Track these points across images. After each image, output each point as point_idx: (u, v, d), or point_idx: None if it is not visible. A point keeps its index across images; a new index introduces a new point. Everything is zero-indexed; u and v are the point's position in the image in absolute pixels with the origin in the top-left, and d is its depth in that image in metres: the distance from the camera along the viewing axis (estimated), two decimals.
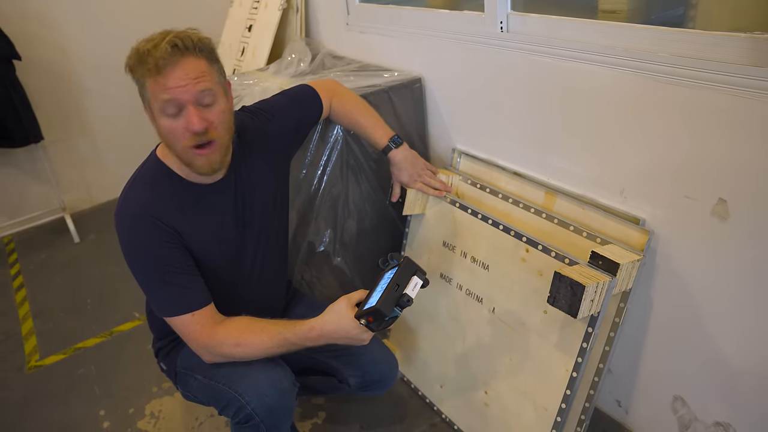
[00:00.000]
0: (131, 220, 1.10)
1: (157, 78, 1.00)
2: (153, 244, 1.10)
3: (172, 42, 0.99)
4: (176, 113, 1.03)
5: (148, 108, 1.07)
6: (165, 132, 1.06)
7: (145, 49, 1.00)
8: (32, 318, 2.32)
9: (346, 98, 1.48)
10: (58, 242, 2.91)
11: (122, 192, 1.14)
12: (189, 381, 1.26)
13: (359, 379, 1.39)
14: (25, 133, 2.67)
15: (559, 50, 1.29)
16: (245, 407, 1.14)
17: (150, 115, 1.08)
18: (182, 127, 1.03)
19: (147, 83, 1.02)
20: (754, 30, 0.95)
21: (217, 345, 1.12)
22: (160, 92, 1.01)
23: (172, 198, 1.13)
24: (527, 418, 1.35)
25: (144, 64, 1.00)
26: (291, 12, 2.27)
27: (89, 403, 1.84)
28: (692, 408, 1.31)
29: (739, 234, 1.08)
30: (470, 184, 1.57)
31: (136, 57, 1.01)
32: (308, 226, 1.71)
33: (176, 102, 1.02)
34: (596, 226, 1.30)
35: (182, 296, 1.11)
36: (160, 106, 1.02)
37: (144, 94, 1.05)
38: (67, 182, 3.12)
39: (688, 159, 1.12)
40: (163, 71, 1.00)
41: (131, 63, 1.02)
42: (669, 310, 1.28)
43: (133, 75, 1.04)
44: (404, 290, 1.04)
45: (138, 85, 1.05)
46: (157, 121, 1.06)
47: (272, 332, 1.12)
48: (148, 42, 1.01)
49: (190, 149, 1.06)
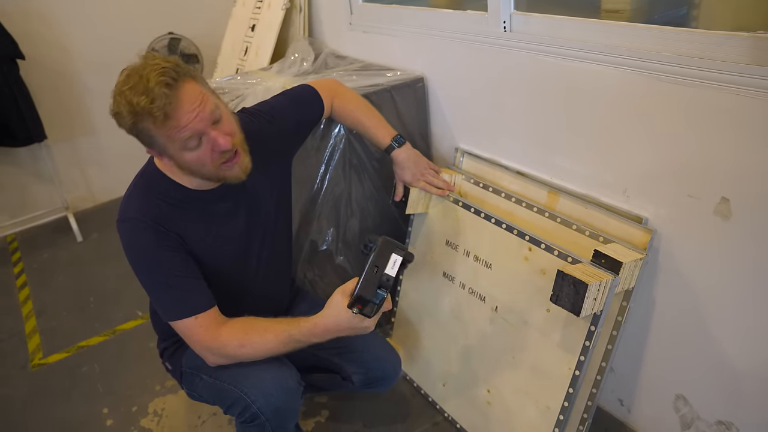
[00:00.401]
0: (133, 225, 1.10)
1: (167, 123, 0.98)
2: (155, 248, 1.10)
3: (164, 82, 0.96)
4: (198, 143, 1.04)
5: (157, 150, 1.06)
6: (191, 163, 1.06)
7: (141, 105, 0.95)
8: (35, 316, 2.33)
9: (348, 98, 1.49)
10: (60, 241, 2.91)
11: (123, 200, 1.14)
12: (194, 380, 1.26)
13: (362, 376, 1.40)
14: (29, 132, 2.68)
15: (562, 50, 1.29)
16: (251, 406, 1.14)
17: (158, 154, 1.07)
18: (208, 151, 1.05)
19: (155, 132, 1.00)
20: (757, 29, 0.96)
21: (221, 347, 1.12)
22: (177, 133, 1.00)
23: (174, 204, 1.14)
24: (530, 416, 1.35)
25: (149, 118, 0.97)
26: (294, 12, 2.28)
27: (92, 401, 1.84)
28: (694, 407, 1.31)
29: (741, 233, 1.08)
30: (473, 183, 1.58)
31: (134, 115, 0.97)
32: (311, 224, 1.71)
33: (196, 134, 1.02)
34: (599, 225, 1.30)
35: (185, 299, 1.11)
36: (181, 144, 1.02)
37: (153, 142, 1.03)
38: (70, 181, 3.13)
39: (691, 158, 1.12)
40: (172, 115, 0.98)
41: (129, 122, 0.98)
42: (671, 308, 1.28)
43: (133, 129, 1.01)
44: (384, 270, 1.02)
45: (140, 134, 1.02)
46: (177, 158, 1.05)
47: (277, 331, 1.12)
48: (135, 93, 0.96)
49: (221, 166, 1.08)
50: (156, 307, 1.17)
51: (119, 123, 1.01)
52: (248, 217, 1.25)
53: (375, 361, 1.40)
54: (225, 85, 1.88)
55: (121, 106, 0.98)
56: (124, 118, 0.99)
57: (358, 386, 1.42)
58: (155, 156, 1.11)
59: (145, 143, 1.05)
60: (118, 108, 0.99)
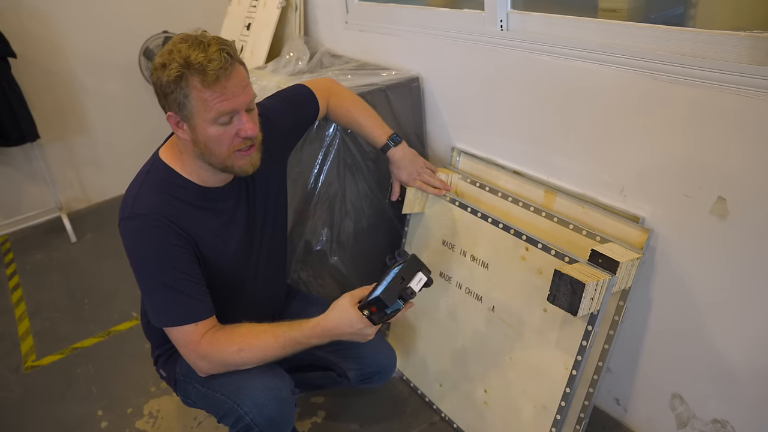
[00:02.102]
0: (142, 222, 1.06)
1: (213, 88, 0.99)
2: (166, 248, 1.07)
3: (225, 50, 0.99)
4: (228, 121, 1.04)
5: (180, 115, 1.03)
6: (211, 139, 1.05)
7: (198, 60, 0.96)
8: (29, 318, 2.31)
9: (344, 97, 1.48)
10: (54, 242, 2.89)
11: (128, 196, 1.11)
12: (188, 389, 1.24)
13: (358, 372, 1.39)
14: (21, 132, 2.66)
15: (559, 49, 1.29)
16: (244, 417, 1.12)
17: (179, 122, 1.05)
18: (232, 133, 1.05)
19: (194, 93, 0.99)
20: (754, 29, 0.96)
21: (218, 352, 1.09)
22: (218, 102, 1.00)
23: (184, 202, 1.12)
24: (527, 416, 1.35)
25: (199, 76, 0.97)
26: (290, 10, 2.27)
27: (87, 403, 1.83)
28: (690, 405, 1.32)
29: (738, 232, 1.08)
30: (470, 182, 1.57)
31: (185, 67, 0.97)
32: (305, 224, 1.70)
33: (232, 111, 1.03)
34: (596, 225, 1.30)
35: (188, 305, 1.08)
36: (215, 115, 1.02)
37: (182, 102, 1.01)
38: (64, 181, 3.11)
39: (688, 157, 1.12)
40: (221, 81, 0.99)
41: (175, 73, 0.97)
42: (668, 308, 1.28)
43: (171, 85, 0.99)
44: (408, 284, 1.04)
45: (173, 92, 1.00)
46: (199, 130, 1.04)
47: (276, 333, 1.11)
48: (194, 50, 0.97)
49: (234, 153, 1.08)
50: (152, 309, 1.12)
51: (158, 75, 0.99)
52: (248, 217, 1.25)
53: (370, 356, 1.40)
54: None
55: (171, 57, 0.97)
56: (170, 69, 0.97)
57: (354, 382, 1.42)
58: (174, 123, 1.05)
59: (173, 104, 1.02)
60: (166, 59, 0.98)
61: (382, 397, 1.71)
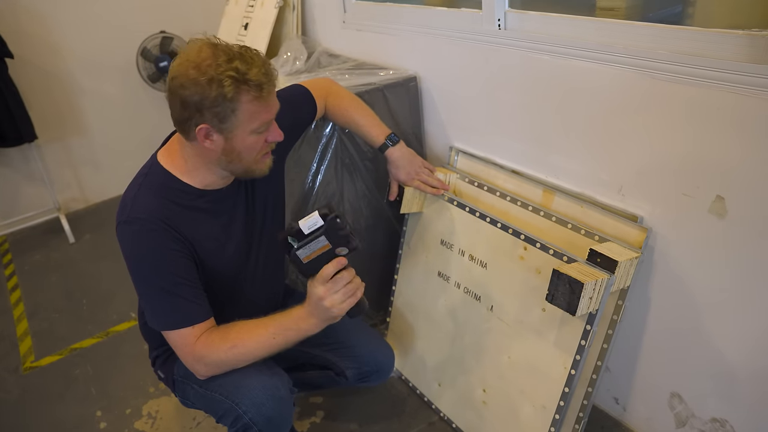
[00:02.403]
0: (140, 226, 1.06)
1: (260, 102, 1.04)
2: (163, 252, 1.07)
3: (269, 65, 1.05)
4: (265, 129, 1.10)
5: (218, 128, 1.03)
6: (245, 147, 1.08)
7: (255, 77, 1.00)
8: (27, 319, 2.30)
9: (342, 96, 1.48)
10: (52, 243, 2.89)
11: (125, 199, 1.10)
12: (187, 389, 1.24)
13: (356, 371, 1.40)
14: (19, 133, 2.65)
15: (557, 48, 1.28)
16: (242, 417, 1.13)
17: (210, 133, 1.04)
18: (263, 140, 1.11)
19: (244, 106, 1.02)
20: (752, 27, 0.96)
21: (213, 352, 1.09)
22: (264, 114, 1.06)
23: (182, 205, 1.12)
24: (525, 416, 1.35)
25: (253, 91, 1.01)
26: (287, 10, 2.26)
27: (86, 404, 1.82)
28: (689, 404, 1.32)
29: (736, 231, 1.08)
30: (468, 182, 1.57)
31: (242, 83, 0.99)
32: None
33: (271, 120, 1.10)
34: (594, 224, 1.30)
35: (185, 309, 1.08)
36: (257, 126, 1.06)
37: (227, 115, 1.02)
38: (62, 182, 3.10)
39: (687, 156, 1.12)
40: (269, 96, 1.05)
41: (231, 90, 0.99)
42: (667, 307, 1.28)
43: (223, 99, 0.99)
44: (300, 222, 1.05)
45: (219, 106, 1.00)
46: (238, 140, 1.06)
47: (267, 324, 1.10)
48: (245, 64, 1.00)
49: (259, 158, 1.13)
50: (149, 313, 1.13)
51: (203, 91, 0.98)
52: (246, 218, 1.24)
53: (368, 355, 1.40)
54: None
55: (223, 74, 0.98)
56: (225, 86, 0.98)
57: (353, 381, 1.42)
58: (203, 135, 1.04)
59: (211, 118, 1.02)
60: (218, 75, 0.98)
61: (381, 396, 1.71)
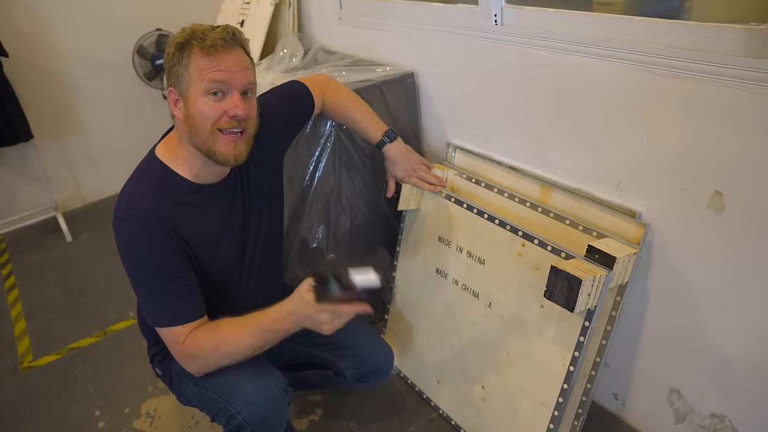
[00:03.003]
0: (136, 224, 1.06)
1: (211, 57, 1.03)
2: (156, 251, 1.07)
3: (230, 31, 1.05)
4: (220, 97, 1.05)
5: (178, 89, 1.07)
6: (199, 113, 1.05)
7: (201, 30, 1.03)
8: (25, 318, 2.30)
9: (339, 93, 1.47)
10: (50, 242, 2.88)
11: (123, 195, 1.10)
12: (183, 388, 1.24)
13: (355, 371, 1.39)
14: (15, 132, 2.64)
15: (554, 43, 1.28)
16: (236, 417, 1.12)
17: (175, 97, 1.08)
18: (222, 109, 1.06)
19: (193, 61, 1.03)
20: (749, 21, 0.95)
21: (200, 350, 1.08)
22: (211, 71, 1.03)
23: (178, 201, 1.11)
24: (524, 412, 1.35)
25: (200, 41, 1.02)
26: (283, 7, 2.25)
27: (84, 404, 1.82)
28: (688, 400, 1.32)
29: (735, 226, 1.08)
30: (465, 178, 1.57)
31: (189, 34, 1.03)
32: (301, 222, 1.70)
33: (226, 84, 1.05)
34: (592, 220, 1.30)
35: (178, 307, 1.08)
36: (207, 86, 1.04)
37: (181, 73, 1.05)
38: (59, 181, 3.09)
39: (684, 151, 1.11)
40: (218, 53, 1.03)
41: (180, 39, 1.04)
42: (665, 303, 1.28)
43: (177, 51, 1.04)
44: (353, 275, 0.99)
45: (176, 65, 1.05)
46: (191, 102, 1.05)
47: (249, 323, 1.09)
48: (202, 25, 1.05)
49: (217, 132, 1.07)
50: (144, 310, 1.14)
51: (167, 51, 1.06)
52: (243, 215, 1.24)
53: (368, 355, 1.40)
54: None
55: (179, 32, 1.05)
56: (175, 39, 1.05)
57: (351, 381, 1.42)
58: (173, 101, 1.09)
59: (173, 78, 1.07)
60: (176, 34, 1.06)
61: (380, 394, 1.71)
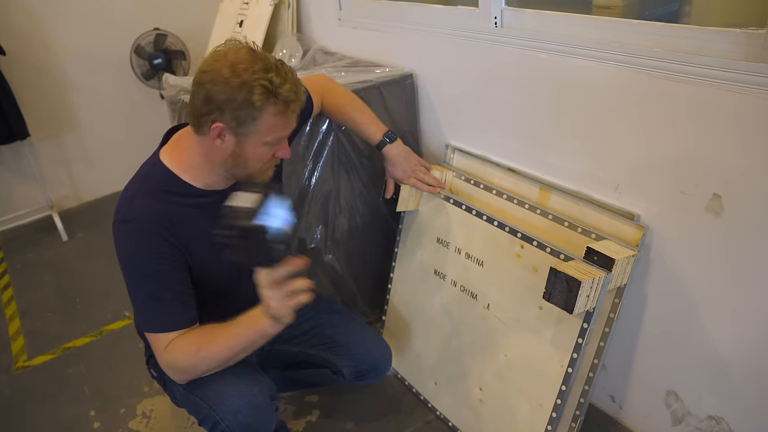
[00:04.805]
0: (135, 227, 1.05)
1: (283, 117, 1.03)
2: (153, 257, 1.06)
3: (299, 85, 1.05)
4: (277, 143, 1.09)
5: (234, 130, 1.02)
6: (254, 156, 1.07)
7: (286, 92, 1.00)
8: (19, 318, 2.28)
9: (338, 94, 1.47)
10: (45, 241, 2.86)
11: (123, 198, 1.09)
12: (174, 390, 1.24)
13: (353, 369, 1.39)
14: (11, 130, 2.63)
15: (554, 46, 1.28)
16: (219, 424, 1.12)
17: (223, 134, 1.02)
18: (272, 154, 1.10)
19: (266, 118, 1.01)
20: (748, 26, 0.96)
21: (180, 356, 1.06)
22: (282, 129, 1.06)
23: (182, 204, 1.10)
24: (522, 414, 1.35)
25: (283, 106, 1.02)
26: (282, 7, 2.25)
27: (79, 404, 1.81)
28: (685, 402, 1.32)
29: (733, 229, 1.08)
30: (464, 180, 1.57)
31: (272, 94, 0.99)
32: (299, 222, 1.69)
33: (286, 137, 1.10)
34: (591, 222, 1.30)
35: (166, 314, 1.07)
36: (272, 139, 1.06)
37: (247, 122, 1.01)
38: (55, 180, 3.07)
39: (683, 154, 1.12)
40: (292, 114, 1.05)
41: (260, 98, 0.98)
42: (663, 304, 1.28)
43: (249, 106, 0.99)
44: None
45: (242, 111, 0.99)
46: (249, 147, 1.05)
47: (230, 325, 1.07)
48: (278, 77, 1.00)
49: (265, 169, 1.13)
50: (136, 313, 1.13)
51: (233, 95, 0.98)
52: None
53: (365, 354, 1.40)
54: None
55: (256, 81, 0.98)
56: (254, 93, 0.98)
57: (349, 379, 1.41)
58: (214, 132, 1.02)
59: (230, 119, 1.00)
60: (250, 81, 0.97)
61: (377, 395, 1.71)
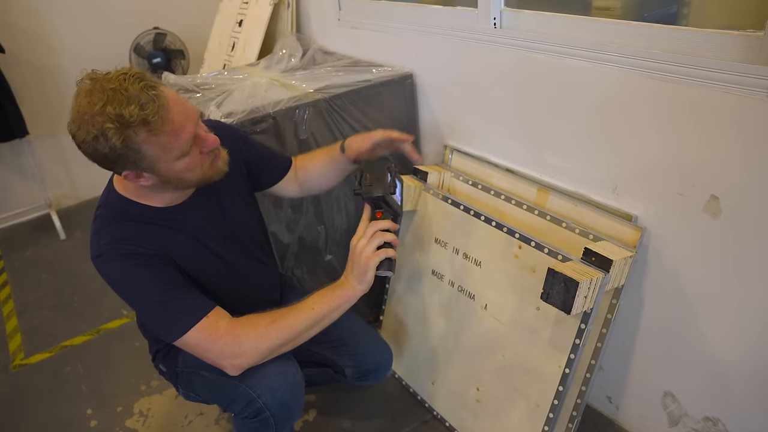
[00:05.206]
0: (109, 256, 1.03)
1: (164, 128, 0.91)
2: (138, 272, 1.03)
3: (147, 85, 0.90)
4: (190, 148, 0.99)
5: (144, 167, 0.96)
6: (181, 172, 1.00)
7: (135, 114, 0.87)
8: (17, 316, 2.28)
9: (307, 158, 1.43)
10: (43, 239, 2.86)
11: (92, 238, 1.07)
12: (193, 379, 1.22)
13: (355, 369, 1.40)
14: (10, 128, 2.63)
15: (553, 47, 1.28)
16: (256, 401, 1.12)
17: (140, 172, 0.97)
18: (197, 153, 1.01)
19: (149, 144, 0.92)
20: (746, 28, 0.96)
21: (251, 330, 1.04)
22: (174, 140, 0.94)
23: (150, 224, 1.08)
24: (519, 414, 1.35)
25: (144, 128, 0.89)
26: (282, 7, 2.26)
27: (76, 402, 1.81)
28: (682, 403, 1.32)
29: (731, 231, 1.09)
30: (462, 180, 1.57)
31: (125, 128, 0.88)
32: (299, 221, 1.69)
33: (192, 136, 0.98)
34: (589, 223, 1.30)
35: (188, 307, 1.05)
36: (176, 153, 0.96)
37: (141, 158, 0.93)
38: (53, 178, 3.08)
39: (681, 156, 1.12)
40: (168, 118, 0.92)
41: (118, 141, 0.88)
42: (660, 306, 1.29)
43: (120, 149, 0.90)
44: None
45: (127, 155, 0.92)
46: (166, 169, 0.98)
47: (305, 301, 1.09)
48: (119, 105, 0.87)
49: (208, 167, 1.06)
50: (159, 330, 1.09)
51: (95, 148, 0.90)
52: (223, 219, 1.22)
53: (368, 354, 1.41)
54: (212, 81, 1.85)
55: (102, 126, 0.87)
56: (110, 138, 0.88)
57: (351, 379, 1.42)
58: (131, 179, 0.99)
59: (127, 164, 0.94)
60: (99, 129, 0.87)
61: (375, 395, 1.71)
